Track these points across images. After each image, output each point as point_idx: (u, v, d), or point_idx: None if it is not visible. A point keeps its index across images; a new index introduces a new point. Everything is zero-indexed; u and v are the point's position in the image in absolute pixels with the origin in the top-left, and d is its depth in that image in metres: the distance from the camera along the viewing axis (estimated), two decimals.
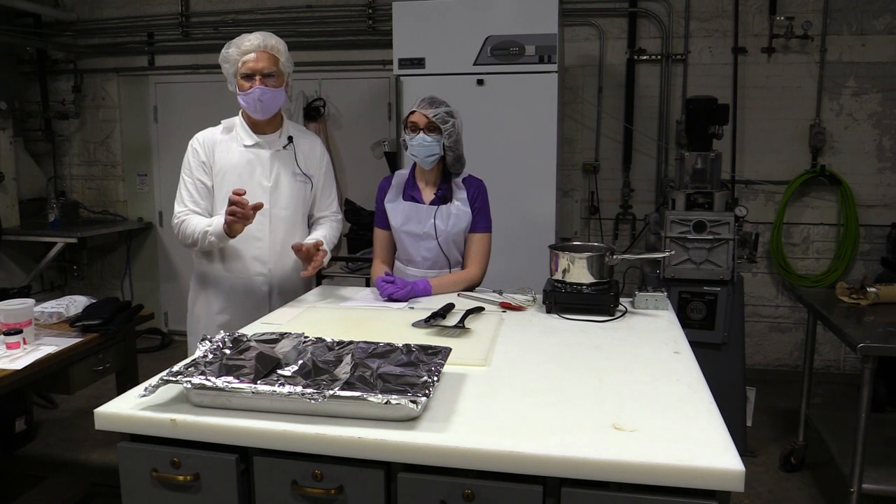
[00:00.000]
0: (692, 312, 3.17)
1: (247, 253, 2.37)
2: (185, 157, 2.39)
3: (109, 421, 1.32)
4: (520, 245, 3.38)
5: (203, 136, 2.40)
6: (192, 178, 2.36)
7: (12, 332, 2.17)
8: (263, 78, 2.27)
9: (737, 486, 1.09)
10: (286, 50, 2.36)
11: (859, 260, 4.20)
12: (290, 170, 2.42)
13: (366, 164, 4.50)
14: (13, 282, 4.59)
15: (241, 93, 2.30)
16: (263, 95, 2.27)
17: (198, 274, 2.48)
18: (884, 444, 2.75)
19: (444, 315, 1.95)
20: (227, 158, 2.35)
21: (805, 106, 4.14)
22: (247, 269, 2.39)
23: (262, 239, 2.38)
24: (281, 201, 2.40)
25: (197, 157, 2.36)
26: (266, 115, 2.34)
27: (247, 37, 2.30)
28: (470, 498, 1.17)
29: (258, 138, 2.38)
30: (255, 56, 2.27)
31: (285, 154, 2.42)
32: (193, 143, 2.39)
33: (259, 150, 2.38)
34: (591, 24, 4.32)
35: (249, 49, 2.28)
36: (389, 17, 3.71)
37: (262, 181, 2.36)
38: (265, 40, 2.30)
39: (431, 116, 2.33)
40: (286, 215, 2.41)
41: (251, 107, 2.31)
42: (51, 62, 5.14)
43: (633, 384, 1.46)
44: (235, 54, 2.30)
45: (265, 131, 2.39)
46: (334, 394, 1.24)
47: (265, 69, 2.28)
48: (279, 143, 2.41)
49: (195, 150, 2.37)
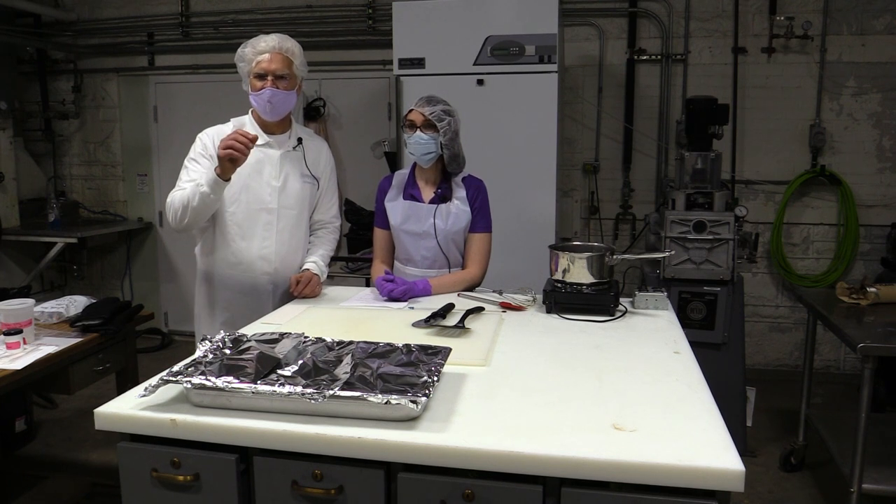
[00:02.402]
0: (692, 312, 3.17)
1: (252, 251, 2.37)
2: (191, 148, 2.36)
3: (109, 421, 1.32)
4: (520, 245, 3.38)
5: (213, 131, 2.37)
6: (196, 166, 2.31)
7: (12, 332, 2.17)
8: (275, 79, 2.27)
9: (737, 486, 1.09)
10: (301, 53, 2.37)
11: (859, 260, 4.20)
12: (298, 170, 2.42)
13: (366, 164, 4.50)
14: (13, 282, 4.59)
15: (253, 92, 2.31)
16: (274, 97, 2.27)
17: (202, 273, 2.47)
18: (884, 444, 2.75)
19: (444, 315, 1.95)
20: None
21: (805, 106, 4.14)
22: (252, 267, 2.38)
23: (269, 238, 2.38)
24: (288, 201, 2.40)
25: (206, 150, 2.33)
26: (276, 116, 2.34)
27: (263, 37, 2.31)
28: (470, 498, 1.17)
29: (268, 138, 2.38)
30: (269, 57, 2.27)
31: (294, 155, 2.42)
32: (203, 136, 2.37)
33: (269, 150, 2.37)
34: (591, 24, 4.32)
35: (264, 50, 2.28)
36: (389, 17, 3.71)
37: (270, 181, 2.36)
38: (281, 43, 2.30)
39: (427, 114, 2.34)
40: (293, 215, 2.42)
41: (261, 107, 2.31)
42: (51, 62, 5.14)
43: (633, 384, 1.46)
44: (251, 53, 2.30)
45: (274, 132, 2.39)
46: (334, 394, 1.24)
47: (278, 70, 2.27)
48: (289, 144, 2.42)
49: (203, 143, 2.34)
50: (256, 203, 2.35)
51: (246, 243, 2.36)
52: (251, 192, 2.33)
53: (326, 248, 2.55)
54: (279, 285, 2.42)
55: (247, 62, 2.31)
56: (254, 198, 2.34)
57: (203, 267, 2.46)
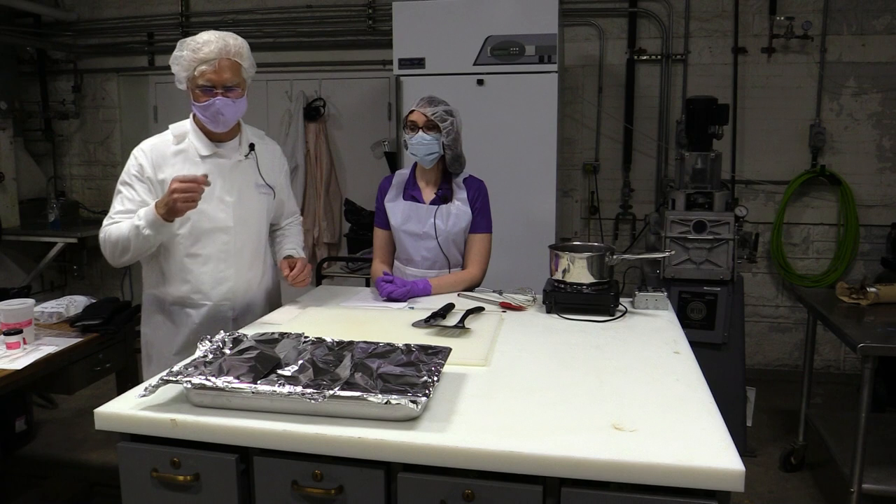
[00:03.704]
0: (692, 312, 3.17)
1: (210, 277, 2.10)
2: (125, 167, 2.05)
3: (109, 421, 1.32)
4: (520, 245, 3.38)
5: (150, 148, 2.05)
6: (132, 194, 2.01)
7: (12, 332, 2.17)
8: (226, 91, 1.96)
9: (737, 486, 1.09)
10: (249, 51, 2.04)
11: (859, 260, 4.20)
12: (252, 181, 2.15)
13: (366, 164, 4.50)
14: (13, 282, 4.59)
15: (198, 104, 1.98)
16: (225, 108, 1.97)
17: (151, 306, 2.18)
18: (884, 444, 2.75)
19: (444, 315, 1.95)
20: (181, 172, 1.97)
21: (805, 106, 4.14)
22: (210, 296, 2.10)
23: (227, 260, 2.11)
24: (245, 217, 2.13)
25: (142, 172, 2.02)
26: (227, 128, 2.06)
27: (203, 40, 1.95)
28: (470, 498, 1.17)
29: (216, 147, 2.07)
30: (215, 66, 1.94)
31: (247, 164, 2.14)
32: (138, 155, 2.04)
33: (218, 161, 2.07)
34: (591, 24, 4.32)
35: (208, 57, 1.94)
36: (389, 17, 3.71)
37: (223, 196, 2.08)
38: (226, 46, 1.96)
39: (430, 115, 2.34)
40: (251, 232, 2.17)
41: (211, 121, 2.01)
42: (51, 62, 5.14)
43: (633, 384, 1.46)
44: (189, 59, 1.95)
45: (223, 139, 2.09)
46: (334, 394, 1.24)
47: (228, 81, 1.96)
48: (240, 153, 2.12)
49: (140, 164, 2.02)
50: (209, 222, 2.07)
51: (201, 268, 2.08)
52: (202, 212, 2.01)
53: (299, 239, 2.37)
54: (240, 311, 2.17)
55: (184, 68, 1.97)
56: (206, 217, 2.05)
57: (151, 298, 2.18)
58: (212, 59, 1.94)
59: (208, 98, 1.96)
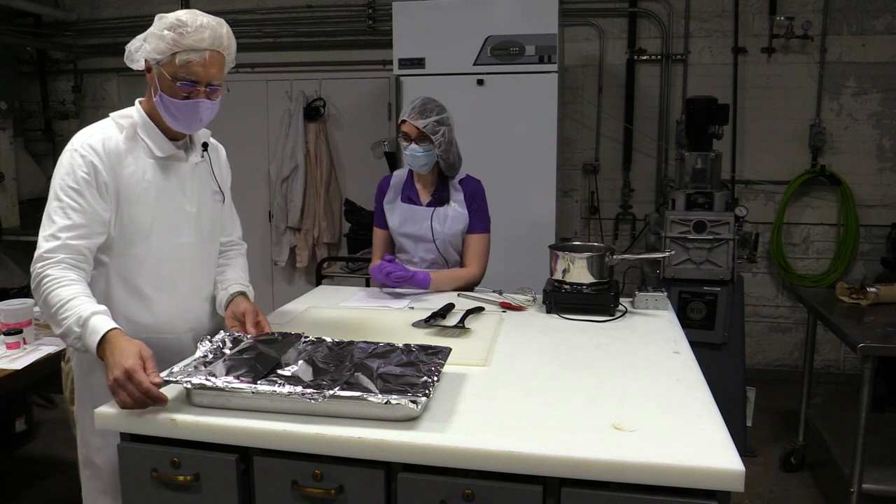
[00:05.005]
0: (692, 312, 3.17)
1: (173, 305, 1.73)
2: (66, 166, 1.60)
3: (109, 421, 1.32)
4: (520, 245, 3.38)
5: (100, 143, 1.61)
6: (81, 202, 1.57)
7: (12, 332, 2.17)
8: (209, 90, 1.62)
9: (737, 486, 1.09)
10: (234, 44, 1.68)
11: (859, 260, 4.20)
12: (208, 187, 1.80)
13: (366, 164, 4.49)
14: (13, 282, 4.58)
15: (173, 99, 1.59)
16: (206, 112, 1.64)
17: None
18: (884, 444, 2.75)
19: (444, 315, 1.95)
20: (135, 177, 1.64)
21: (805, 106, 4.14)
22: (174, 327, 1.73)
23: (189, 282, 1.76)
24: (205, 230, 1.78)
25: (92, 174, 1.58)
26: (195, 132, 1.75)
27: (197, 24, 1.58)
28: (470, 498, 1.17)
29: (173, 148, 1.70)
30: (206, 59, 1.58)
31: (202, 167, 1.79)
32: (83, 151, 1.60)
33: (176, 164, 1.71)
34: (591, 24, 4.32)
35: (198, 46, 1.57)
36: (389, 17, 3.71)
37: (184, 206, 1.72)
38: (220, 37, 1.61)
39: (421, 127, 2.33)
40: (210, 249, 1.83)
41: (182, 122, 1.64)
42: (51, 62, 5.14)
43: (633, 384, 1.46)
44: (172, 43, 1.57)
45: (177, 137, 1.72)
46: (334, 394, 1.24)
47: (215, 78, 1.62)
48: (196, 153, 1.77)
49: (90, 164, 1.58)
50: (172, 238, 1.70)
51: (162, 295, 1.70)
52: (165, 224, 1.68)
53: (244, 269, 1.93)
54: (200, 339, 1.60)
55: (160, 51, 1.59)
56: (169, 232, 1.69)
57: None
58: (202, 49, 1.57)
59: (188, 96, 1.60)
